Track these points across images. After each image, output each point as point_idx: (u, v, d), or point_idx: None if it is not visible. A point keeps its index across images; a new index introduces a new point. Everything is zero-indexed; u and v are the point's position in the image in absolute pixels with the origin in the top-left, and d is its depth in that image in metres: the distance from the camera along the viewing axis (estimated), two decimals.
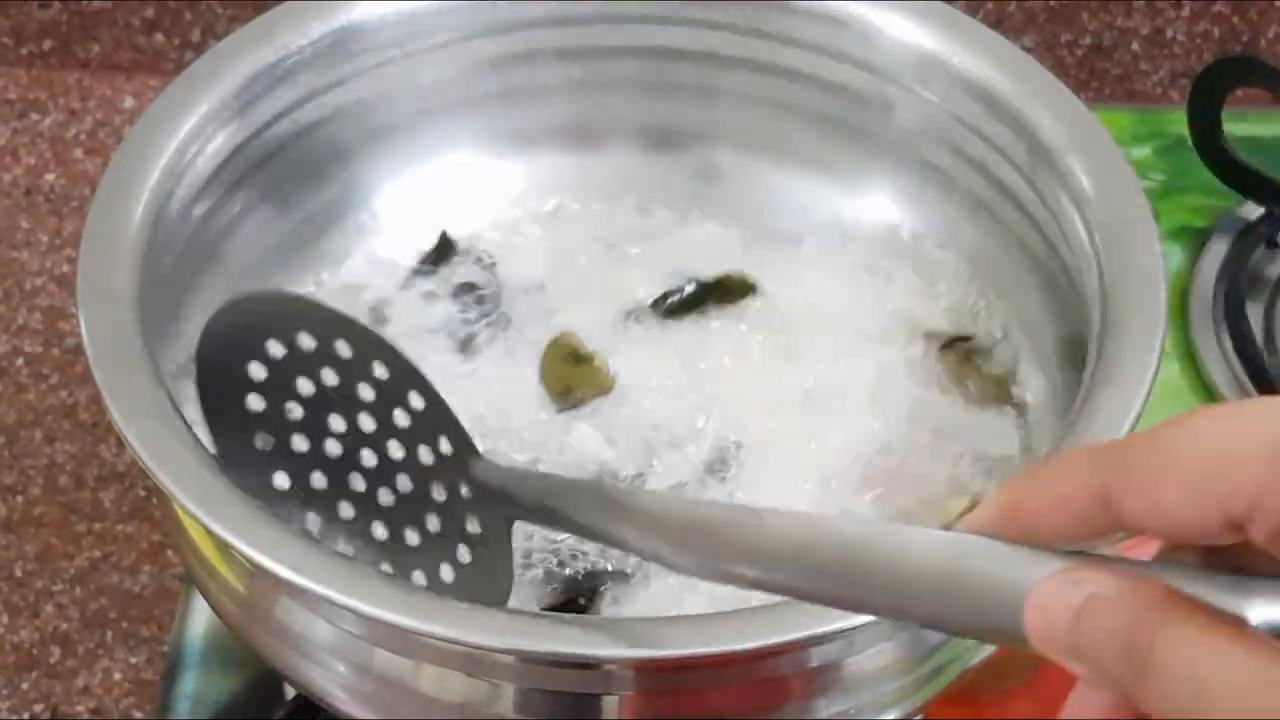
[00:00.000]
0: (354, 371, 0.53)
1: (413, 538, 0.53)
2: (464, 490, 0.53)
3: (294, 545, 0.51)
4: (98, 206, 0.59)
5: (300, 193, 0.68)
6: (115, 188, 0.60)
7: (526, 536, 0.60)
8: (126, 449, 0.53)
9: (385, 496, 0.54)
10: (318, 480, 0.54)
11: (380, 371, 0.53)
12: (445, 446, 0.53)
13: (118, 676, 0.70)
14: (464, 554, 0.53)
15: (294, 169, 0.67)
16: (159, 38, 0.92)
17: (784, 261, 0.69)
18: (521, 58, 0.69)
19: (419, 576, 0.53)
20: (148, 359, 0.55)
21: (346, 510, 0.54)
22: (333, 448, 0.54)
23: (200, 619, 0.68)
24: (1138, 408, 0.54)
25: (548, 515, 0.51)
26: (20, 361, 0.80)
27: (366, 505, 0.54)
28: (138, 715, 0.69)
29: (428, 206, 0.70)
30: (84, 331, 0.56)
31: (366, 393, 0.54)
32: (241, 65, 0.64)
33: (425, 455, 0.53)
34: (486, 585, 0.52)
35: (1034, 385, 0.65)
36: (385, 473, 0.54)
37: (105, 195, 0.59)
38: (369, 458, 0.54)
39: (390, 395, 0.53)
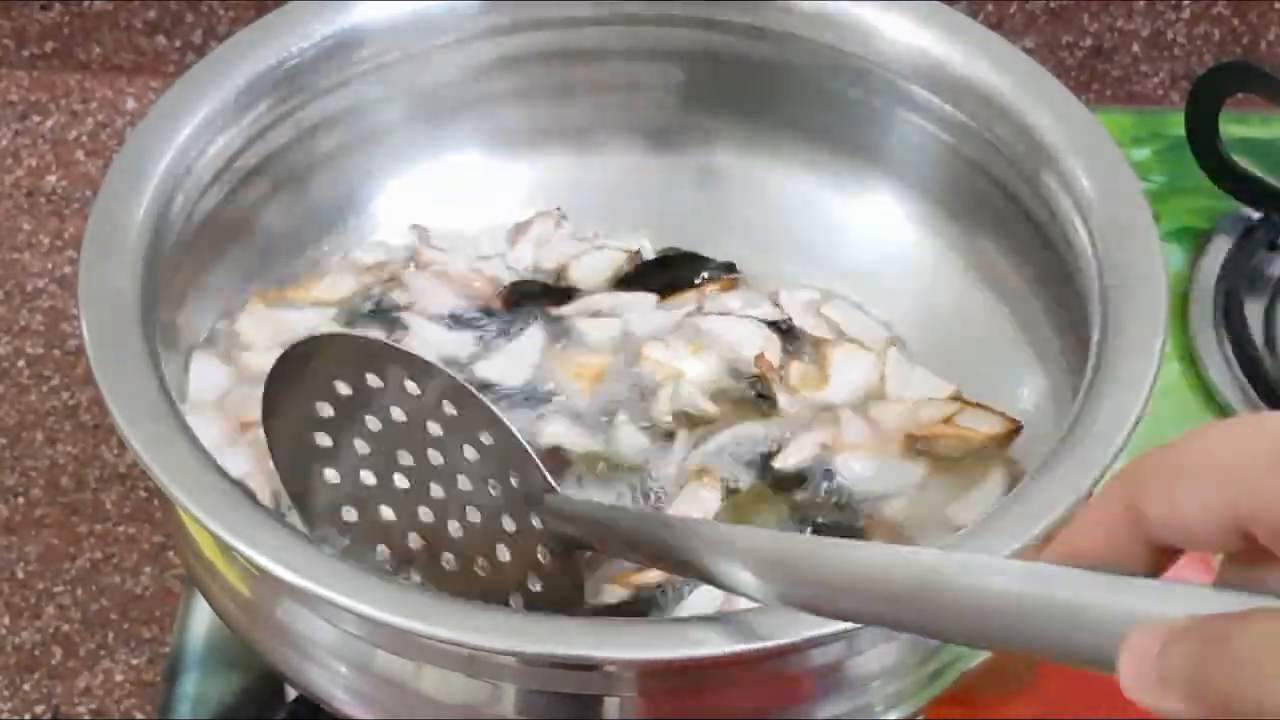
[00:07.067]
0: (423, 409, 0.55)
1: (483, 567, 0.55)
2: (535, 522, 0.54)
3: (296, 548, 0.51)
4: (99, 208, 0.59)
5: (301, 195, 0.68)
6: (117, 189, 0.60)
7: None
8: (128, 450, 0.53)
9: (454, 528, 0.55)
10: (386, 513, 0.56)
11: (450, 409, 0.55)
12: (516, 480, 0.54)
13: (119, 677, 0.70)
14: (534, 583, 0.54)
15: (295, 171, 0.67)
16: (160, 40, 0.92)
17: (784, 261, 0.70)
18: (521, 59, 0.69)
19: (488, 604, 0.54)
20: (149, 361, 0.55)
21: (415, 541, 0.55)
22: (401, 482, 0.55)
23: (201, 620, 0.68)
24: (1138, 409, 0.55)
25: (622, 547, 0.53)
26: (22, 363, 0.80)
27: (435, 536, 0.55)
28: (139, 716, 0.69)
29: (429, 208, 0.70)
30: (85, 333, 0.56)
31: (435, 429, 0.55)
32: (243, 67, 0.64)
33: (496, 489, 0.54)
34: (557, 613, 0.53)
35: (1034, 385, 0.65)
36: (454, 506, 0.55)
37: (107, 197, 0.59)
38: (437, 491, 0.55)
39: (460, 431, 0.55)
